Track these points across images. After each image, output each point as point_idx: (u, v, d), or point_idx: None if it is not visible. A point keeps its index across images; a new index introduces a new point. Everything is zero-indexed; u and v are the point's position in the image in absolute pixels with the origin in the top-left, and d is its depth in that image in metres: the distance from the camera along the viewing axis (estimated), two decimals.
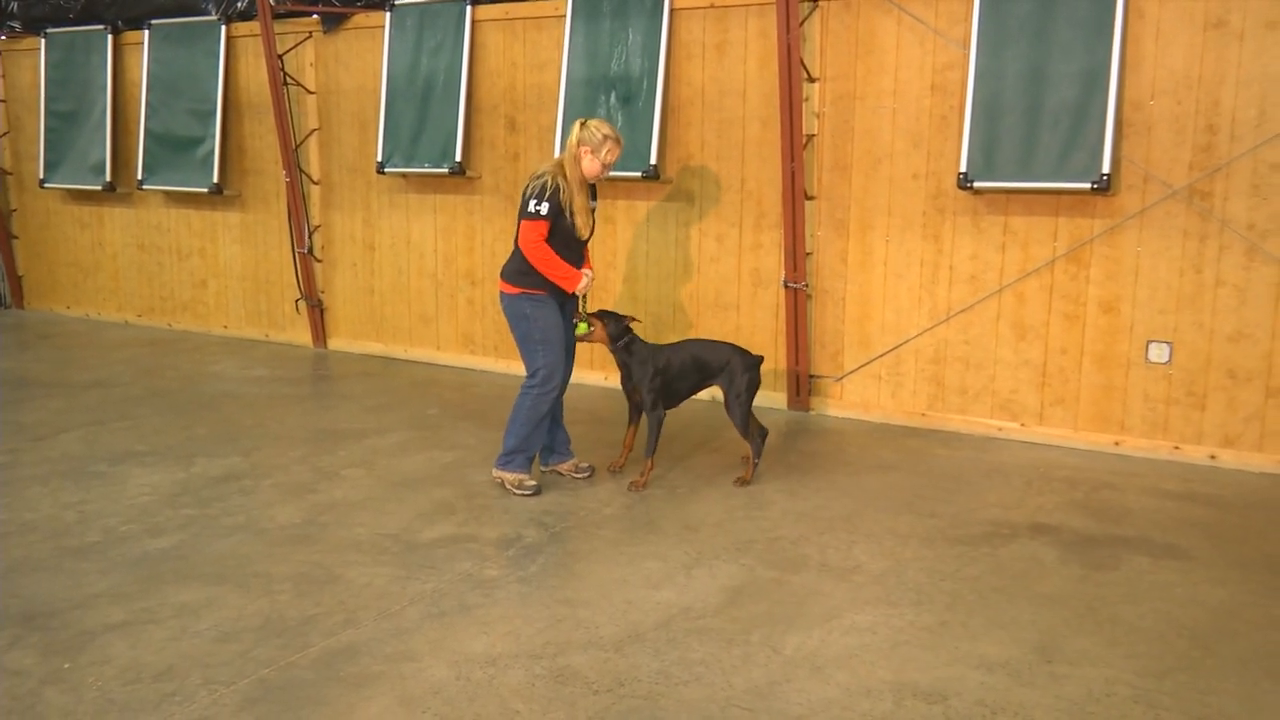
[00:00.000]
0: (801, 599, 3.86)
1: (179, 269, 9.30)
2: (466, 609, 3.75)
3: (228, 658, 3.37)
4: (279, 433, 6.06)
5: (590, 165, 4.86)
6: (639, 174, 6.62)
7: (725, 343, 5.25)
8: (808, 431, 6.21)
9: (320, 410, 6.67)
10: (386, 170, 7.68)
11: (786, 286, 6.38)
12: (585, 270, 4.95)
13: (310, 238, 8.33)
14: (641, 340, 5.14)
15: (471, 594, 3.88)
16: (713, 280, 6.76)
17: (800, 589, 3.95)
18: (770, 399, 6.55)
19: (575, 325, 5.03)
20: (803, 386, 6.55)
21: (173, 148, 8.72)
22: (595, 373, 7.23)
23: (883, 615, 3.73)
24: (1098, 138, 5.45)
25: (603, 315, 5.09)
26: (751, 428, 5.15)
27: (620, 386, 5.25)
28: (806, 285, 6.40)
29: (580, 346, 5.47)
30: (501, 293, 4.98)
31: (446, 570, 4.10)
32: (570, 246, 4.90)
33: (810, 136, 6.30)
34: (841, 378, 6.51)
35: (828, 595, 3.90)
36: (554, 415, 5.18)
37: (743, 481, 5.14)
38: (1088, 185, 5.48)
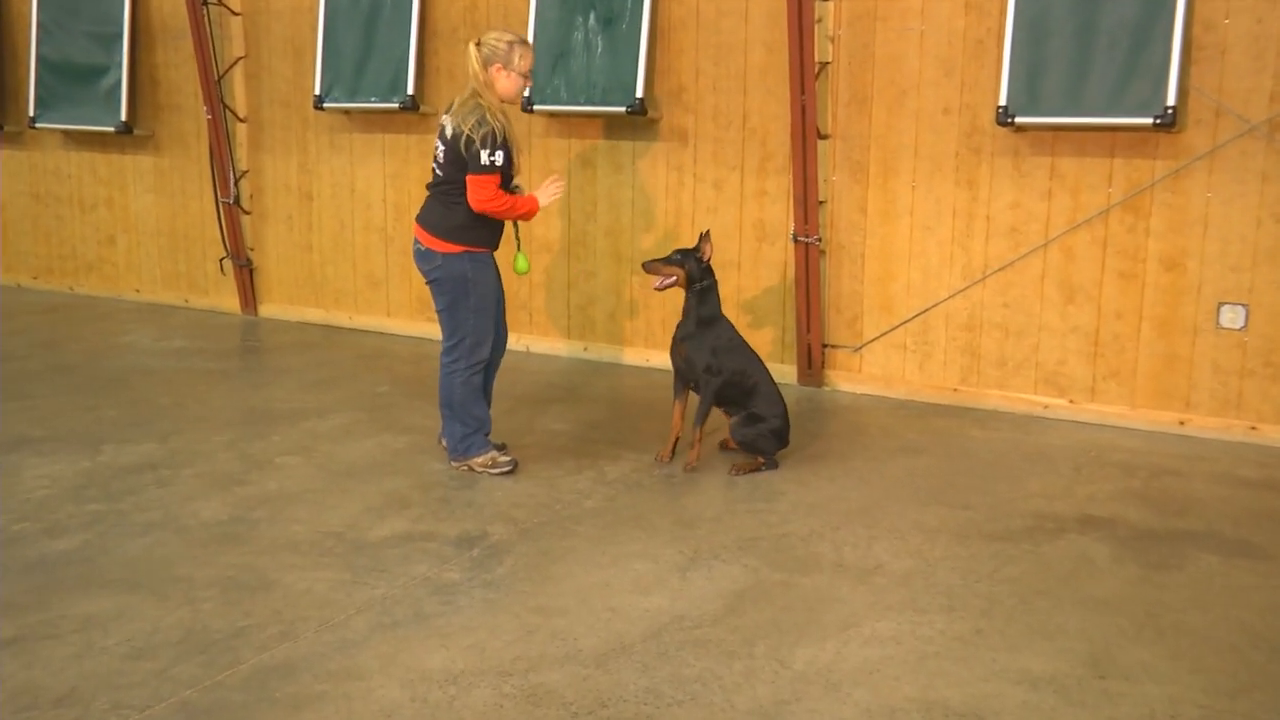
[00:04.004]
0: (813, 605, 3.87)
1: (82, 223, 9.21)
2: (423, 619, 3.74)
3: (141, 677, 3.35)
4: (202, 414, 6.04)
5: (508, 83, 4.87)
6: (623, 109, 6.58)
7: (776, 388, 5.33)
8: (821, 410, 6.21)
9: (250, 388, 6.65)
10: (326, 105, 7.62)
11: (796, 241, 6.35)
12: (550, 187, 5.02)
13: (236, 185, 8.26)
14: (719, 303, 5.25)
15: (429, 601, 3.87)
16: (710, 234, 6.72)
17: (812, 593, 3.96)
18: (778, 373, 6.51)
19: (516, 260, 5.14)
20: (815, 358, 6.54)
21: (71, 79, 8.61)
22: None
23: (908, 623, 3.74)
24: (1162, 64, 5.42)
25: (681, 256, 5.22)
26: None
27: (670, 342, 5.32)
28: (819, 239, 6.38)
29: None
30: (428, 249, 4.97)
31: (399, 574, 4.09)
32: (509, 182, 4.95)
33: (824, 64, 6.25)
34: (860, 348, 6.51)
35: (844, 600, 3.90)
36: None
37: (739, 469, 5.18)
38: (1149, 120, 5.45)
